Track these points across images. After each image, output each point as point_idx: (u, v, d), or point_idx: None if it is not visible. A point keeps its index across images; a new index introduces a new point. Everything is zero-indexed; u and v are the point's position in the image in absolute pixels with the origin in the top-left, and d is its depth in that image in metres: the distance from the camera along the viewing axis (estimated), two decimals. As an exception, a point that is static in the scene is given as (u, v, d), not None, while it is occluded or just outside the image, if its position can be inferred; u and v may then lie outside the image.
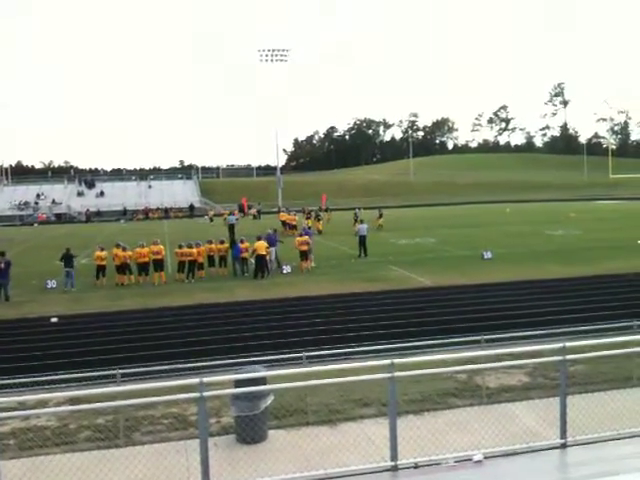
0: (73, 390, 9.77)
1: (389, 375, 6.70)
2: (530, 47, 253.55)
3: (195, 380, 6.38)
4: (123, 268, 24.29)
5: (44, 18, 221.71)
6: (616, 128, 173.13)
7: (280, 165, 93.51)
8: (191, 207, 79.21)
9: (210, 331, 16.38)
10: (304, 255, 26.31)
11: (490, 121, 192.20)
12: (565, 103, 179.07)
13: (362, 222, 32.17)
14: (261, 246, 24.70)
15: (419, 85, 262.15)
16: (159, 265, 24.52)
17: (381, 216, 45.69)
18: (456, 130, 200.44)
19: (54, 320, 18.14)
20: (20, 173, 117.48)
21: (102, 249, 24.47)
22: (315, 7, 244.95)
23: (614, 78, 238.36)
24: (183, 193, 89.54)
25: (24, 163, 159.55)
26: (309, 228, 42.38)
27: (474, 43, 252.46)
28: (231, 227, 40.06)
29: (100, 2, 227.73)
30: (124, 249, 24.56)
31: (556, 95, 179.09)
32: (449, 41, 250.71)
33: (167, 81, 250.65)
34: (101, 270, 24.21)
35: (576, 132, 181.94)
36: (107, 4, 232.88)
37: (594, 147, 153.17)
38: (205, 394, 6.32)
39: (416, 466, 6.93)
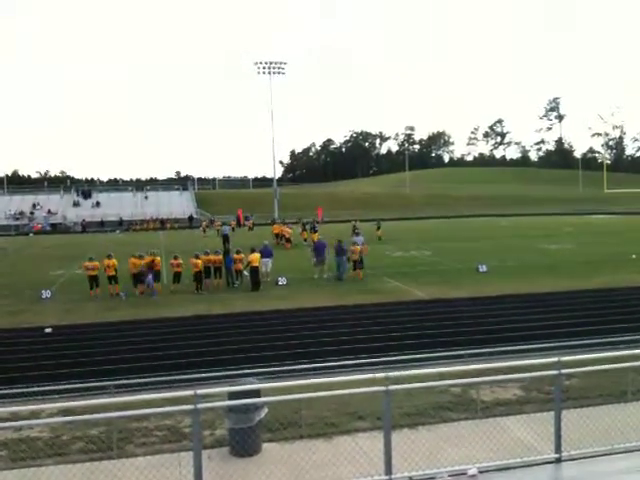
0: (66, 401, 9.71)
1: (384, 388, 6.69)
2: (526, 62, 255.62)
3: (189, 392, 6.35)
4: (115, 278, 24.20)
5: (38, 28, 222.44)
6: (611, 143, 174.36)
7: (276, 177, 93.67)
8: (190, 218, 79.14)
9: (204, 343, 16.33)
10: (357, 264, 26.71)
11: (486, 135, 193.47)
12: (560, 118, 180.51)
13: (358, 234, 32.18)
14: (255, 258, 24.72)
15: (415, 98, 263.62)
16: (156, 276, 24.51)
17: (379, 227, 45.78)
18: (452, 144, 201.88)
19: (48, 330, 18.06)
20: (16, 183, 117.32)
21: (109, 257, 24.46)
22: (313, 20, 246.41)
23: (609, 93, 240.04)
24: (179, 204, 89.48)
25: (20, 173, 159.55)
26: (305, 240, 42.65)
27: (470, 57, 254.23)
28: (225, 238, 40.18)
29: (98, 13, 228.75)
30: (140, 257, 24.64)
31: (551, 110, 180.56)
32: (446, 55, 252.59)
33: (164, 92, 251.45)
34: (112, 279, 24.13)
35: (571, 147, 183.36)
36: (105, 15, 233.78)
37: (589, 162, 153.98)
38: (199, 406, 6.29)
39: (411, 480, 6.91)
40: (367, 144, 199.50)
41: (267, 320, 18.96)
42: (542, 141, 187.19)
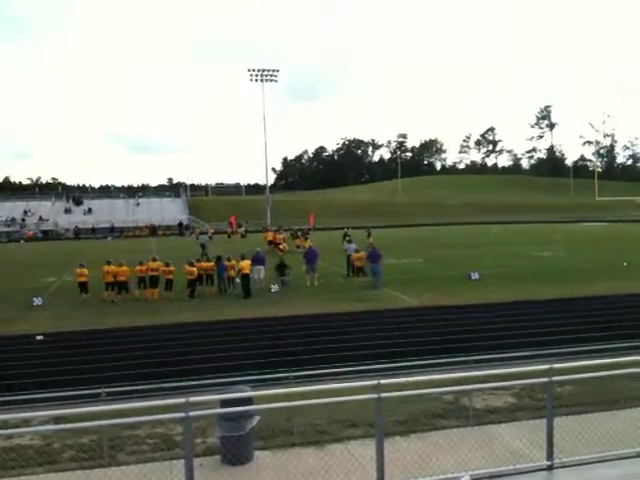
0: (57, 409, 9.65)
1: (376, 396, 6.68)
2: (517, 70, 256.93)
3: (181, 400, 6.32)
4: (113, 285, 24.21)
5: (33, 28, 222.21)
6: (602, 151, 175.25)
7: (269, 184, 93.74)
8: (180, 225, 78.88)
9: (196, 350, 16.28)
10: (360, 270, 26.97)
11: (478, 143, 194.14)
12: (552, 126, 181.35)
13: (351, 242, 32.18)
14: (246, 265, 24.73)
15: (408, 106, 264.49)
16: (154, 282, 24.55)
17: (370, 235, 45.81)
18: (444, 151, 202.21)
19: (39, 338, 17.97)
20: (7, 189, 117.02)
21: (109, 263, 24.57)
22: (307, 27, 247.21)
23: (601, 102, 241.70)
24: (171, 211, 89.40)
25: (11, 179, 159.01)
26: (297, 247, 42.68)
27: (462, 65, 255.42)
28: (202, 246, 40.22)
29: (96, 16, 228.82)
30: (141, 263, 24.86)
31: (543, 118, 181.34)
32: (437, 62, 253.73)
33: (156, 98, 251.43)
34: (110, 285, 24.30)
35: (562, 155, 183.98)
36: (103, 17, 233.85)
37: (580, 170, 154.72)
38: (191, 414, 6.27)
39: (403, 488, 6.90)
40: (359, 152, 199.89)
41: (259, 327, 18.93)
42: (534, 149, 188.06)
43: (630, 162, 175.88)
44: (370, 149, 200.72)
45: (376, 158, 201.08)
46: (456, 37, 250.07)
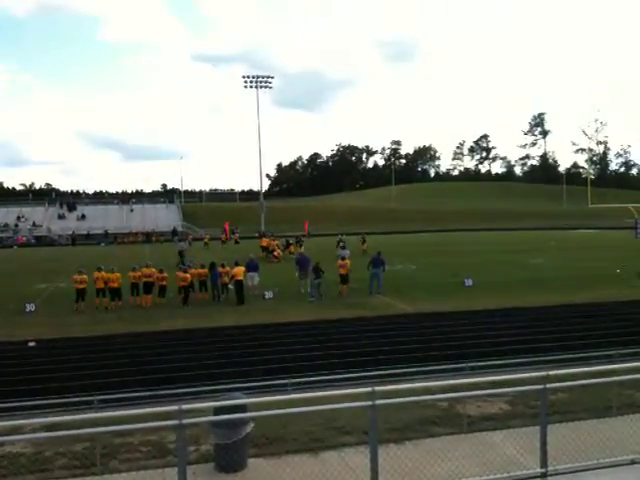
0: (49, 416, 9.58)
1: (370, 403, 6.67)
2: (511, 77, 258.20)
3: (174, 407, 6.29)
4: (104, 291, 24.14)
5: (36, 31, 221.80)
6: (595, 158, 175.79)
7: (263, 190, 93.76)
8: (174, 231, 78.62)
9: (190, 357, 16.22)
10: (344, 278, 26.50)
11: (471, 150, 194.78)
12: (545, 133, 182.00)
13: (344, 248, 32.19)
14: (239, 271, 24.70)
15: (402, 113, 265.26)
16: (148, 288, 24.54)
17: (364, 241, 45.87)
18: (438, 158, 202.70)
19: (31, 344, 17.88)
20: (0, 195, 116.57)
21: (100, 270, 24.47)
22: (302, 32, 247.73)
23: (594, 109, 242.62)
24: (165, 217, 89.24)
25: (5, 185, 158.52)
26: (291, 254, 42.70)
27: (456, 72, 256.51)
28: (180, 253, 40.15)
29: (93, 22, 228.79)
30: (134, 270, 24.81)
31: (536, 125, 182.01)
32: (431, 69, 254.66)
33: (150, 104, 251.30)
34: (101, 292, 24.24)
35: (555, 162, 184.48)
36: (101, 23, 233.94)
37: (573, 177, 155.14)
38: (184, 421, 6.24)
39: (397, 496, 6.88)
40: (354, 158, 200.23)
41: (253, 334, 18.88)
42: (527, 156, 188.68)
43: (623, 169, 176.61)
44: (364, 156, 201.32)
45: (370, 165, 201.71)
46: (450, 44, 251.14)
